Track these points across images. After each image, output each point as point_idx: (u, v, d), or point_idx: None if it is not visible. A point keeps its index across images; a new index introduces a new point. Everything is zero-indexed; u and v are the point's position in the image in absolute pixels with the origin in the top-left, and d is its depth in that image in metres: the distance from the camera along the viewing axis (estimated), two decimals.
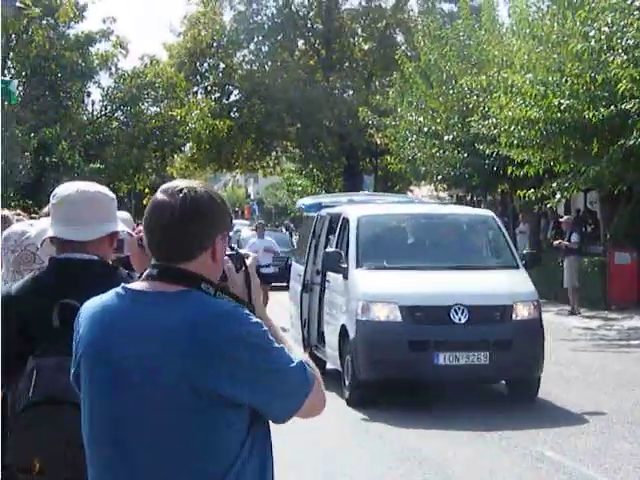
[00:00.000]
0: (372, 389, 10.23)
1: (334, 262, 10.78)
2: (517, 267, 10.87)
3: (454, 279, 10.47)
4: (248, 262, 2.60)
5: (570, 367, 12.51)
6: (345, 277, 10.65)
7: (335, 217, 12.21)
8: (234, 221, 26.81)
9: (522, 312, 10.07)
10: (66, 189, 3.51)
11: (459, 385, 10.47)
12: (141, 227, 2.85)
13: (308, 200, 13.93)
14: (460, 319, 9.83)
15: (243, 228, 33.99)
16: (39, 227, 3.82)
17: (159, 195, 2.43)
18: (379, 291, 10.25)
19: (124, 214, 6.61)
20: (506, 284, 10.45)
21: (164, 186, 2.47)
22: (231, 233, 4.76)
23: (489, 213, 12.93)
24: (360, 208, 12.06)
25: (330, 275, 11.30)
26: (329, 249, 11.39)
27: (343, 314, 10.61)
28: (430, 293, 10.16)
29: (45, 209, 5.30)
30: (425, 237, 11.74)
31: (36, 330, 3.41)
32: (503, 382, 10.77)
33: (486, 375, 10.26)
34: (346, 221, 11.43)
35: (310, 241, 12.47)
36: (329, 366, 11.53)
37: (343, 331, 10.48)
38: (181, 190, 2.40)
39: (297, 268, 13.25)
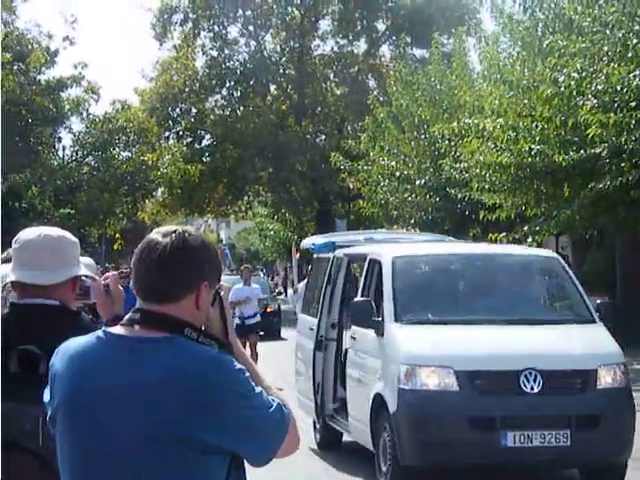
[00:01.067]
0: (420, 478, 8.29)
1: (366, 315, 8.70)
2: (593, 321, 8.80)
3: (520, 337, 8.48)
4: (222, 293, 2.54)
5: None
6: (379, 333, 8.58)
7: (356, 259, 10.66)
8: None
9: (607, 378, 8.13)
10: (28, 234, 3.51)
11: (531, 472, 8.94)
12: (108, 274, 2.93)
13: (319, 239, 11.67)
14: (532, 388, 7.87)
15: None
16: (1, 272, 3.79)
17: (152, 234, 2.45)
18: (427, 352, 8.16)
19: (87, 259, 6.51)
20: (585, 343, 8.48)
21: (160, 227, 2.51)
22: None
23: (553, 254, 10.59)
24: (392, 248, 9.82)
25: (357, 331, 9.24)
26: (358, 299, 9.20)
27: (377, 380, 8.50)
28: (493, 355, 8.15)
29: (4, 254, 5.24)
30: (477, 283, 9.53)
31: None
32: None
33: (567, 459, 8.21)
34: (376, 264, 9.41)
35: (324, 288, 10.32)
36: (346, 437, 9.93)
37: (378, 402, 8.34)
38: (175, 231, 2.43)
39: (306, 320, 11.06)
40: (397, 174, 26.10)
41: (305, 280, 15.41)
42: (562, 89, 15.84)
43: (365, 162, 28.84)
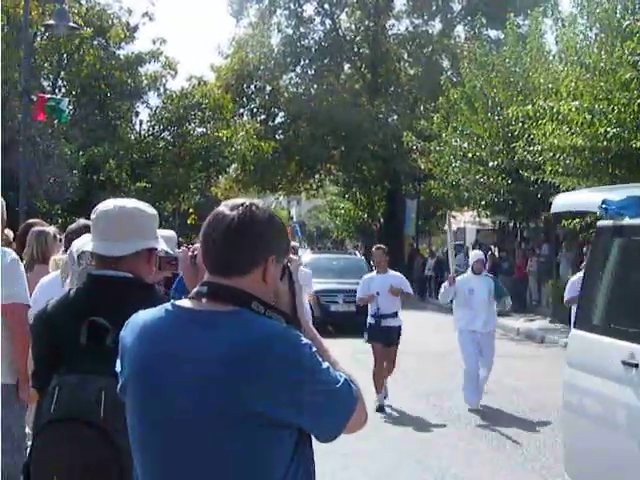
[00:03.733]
0: None
1: None
2: None
3: None
4: (291, 267, 2.53)
5: None
6: None
7: None
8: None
9: None
10: (106, 205, 3.53)
11: None
12: (196, 244, 2.85)
13: (616, 195, 5.87)
14: None
15: (305, 252, 30.12)
16: (79, 242, 3.86)
17: (220, 207, 2.47)
18: None
19: (168, 232, 6.65)
20: None
21: (227, 201, 2.52)
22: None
23: None
24: None
25: None
26: None
27: None
28: None
29: (72, 225, 5.39)
30: None
31: (65, 347, 3.42)
32: None
33: None
34: None
35: None
36: None
37: None
38: (242, 204, 2.43)
39: (603, 345, 5.61)
40: (469, 155, 26.04)
41: (579, 273, 10.64)
42: None
43: (437, 143, 28.83)
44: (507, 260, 29.88)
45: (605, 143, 16.82)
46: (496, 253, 33.15)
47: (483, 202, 27.47)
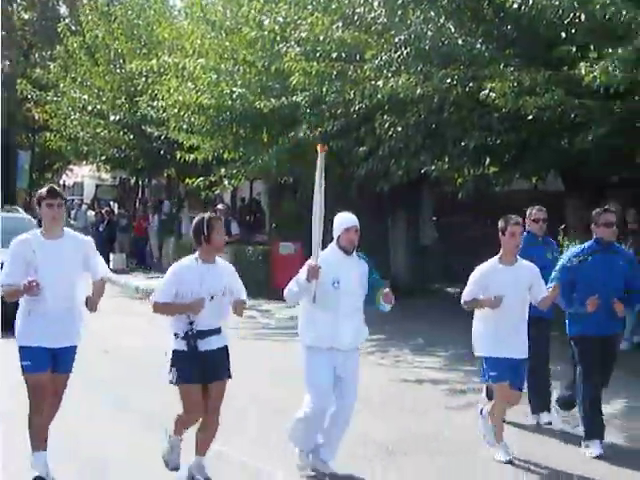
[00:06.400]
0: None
1: None
2: None
3: None
4: None
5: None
6: None
7: None
8: None
9: None
10: None
11: None
12: None
13: None
14: None
15: None
16: None
17: None
18: None
19: None
20: None
21: None
22: None
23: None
24: None
25: None
26: None
27: None
28: None
29: None
30: None
31: None
32: None
33: None
34: None
35: None
36: None
37: None
38: None
39: None
40: (89, 108, 25.12)
41: None
42: (266, 33, 15.79)
43: (54, 93, 27.45)
44: (126, 217, 29.34)
45: (230, 103, 16.78)
46: (115, 209, 32.52)
47: (103, 157, 26.71)
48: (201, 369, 6.41)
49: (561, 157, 13.23)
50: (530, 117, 11.81)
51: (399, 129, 13.78)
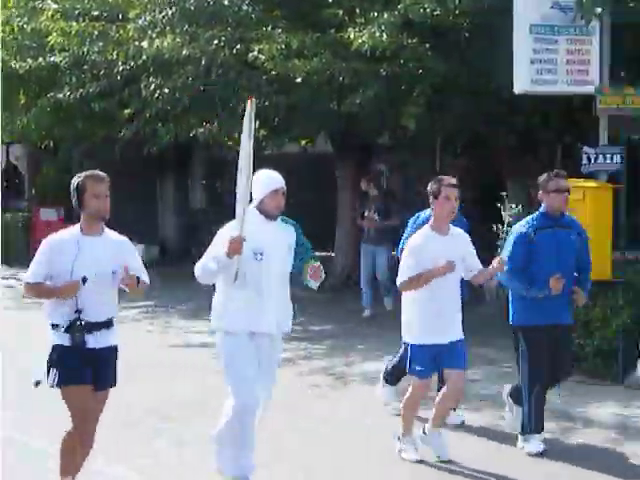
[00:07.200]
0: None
1: None
2: None
3: None
4: None
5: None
6: None
7: None
8: None
9: None
10: None
11: None
12: None
13: None
14: None
15: None
16: None
17: None
18: None
19: None
20: None
21: None
22: None
23: None
24: None
25: None
26: None
27: None
28: None
29: None
30: None
31: None
32: None
33: None
34: None
35: None
36: None
37: None
38: None
39: None
40: None
41: None
42: None
43: None
44: None
45: None
46: None
47: None
48: (91, 370, 5.19)
49: (330, 120, 13.31)
50: (299, 80, 11.76)
51: (166, 91, 13.38)
